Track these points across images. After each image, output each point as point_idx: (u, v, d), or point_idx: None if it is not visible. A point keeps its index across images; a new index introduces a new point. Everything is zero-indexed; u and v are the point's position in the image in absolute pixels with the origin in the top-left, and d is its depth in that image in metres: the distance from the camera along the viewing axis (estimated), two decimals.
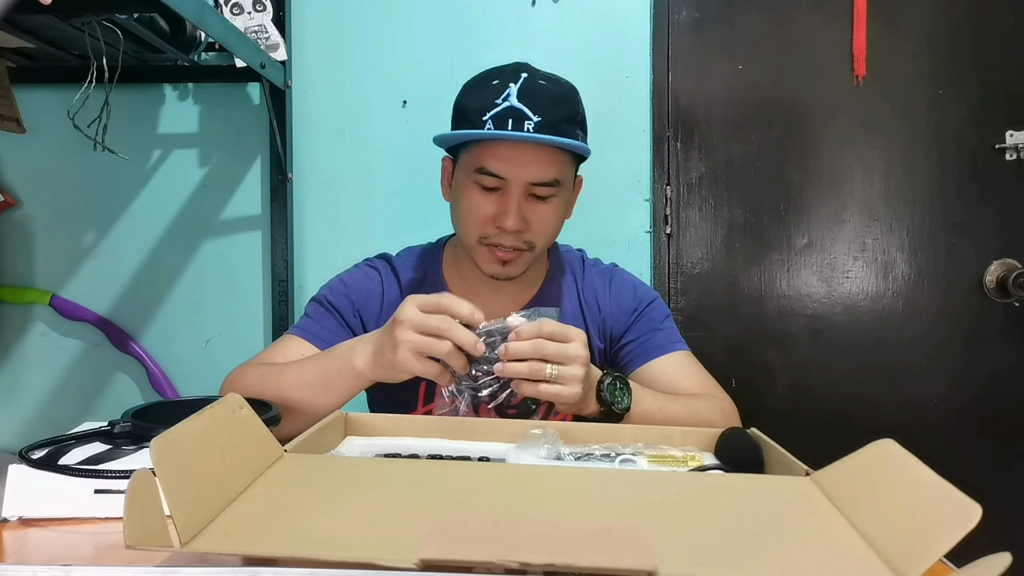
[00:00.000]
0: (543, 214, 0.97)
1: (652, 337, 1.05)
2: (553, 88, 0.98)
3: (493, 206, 0.96)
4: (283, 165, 1.50)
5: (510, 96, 0.94)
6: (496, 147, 0.94)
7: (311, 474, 0.59)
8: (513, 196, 0.95)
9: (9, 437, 1.57)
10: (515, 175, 0.94)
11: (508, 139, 0.93)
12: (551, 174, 0.95)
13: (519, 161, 0.94)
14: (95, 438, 0.68)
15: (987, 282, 1.55)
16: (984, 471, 1.54)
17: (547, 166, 0.95)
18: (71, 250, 1.57)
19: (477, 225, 0.97)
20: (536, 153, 0.94)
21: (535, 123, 0.92)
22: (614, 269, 1.15)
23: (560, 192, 0.98)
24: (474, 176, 0.96)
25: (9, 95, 1.29)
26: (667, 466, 0.71)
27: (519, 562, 0.39)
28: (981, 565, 0.37)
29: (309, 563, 0.42)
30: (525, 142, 0.93)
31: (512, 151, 0.94)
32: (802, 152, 1.57)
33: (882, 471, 0.53)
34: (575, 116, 0.98)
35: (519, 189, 0.95)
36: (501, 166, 0.94)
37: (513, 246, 0.97)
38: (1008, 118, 1.54)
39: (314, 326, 1.02)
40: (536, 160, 0.94)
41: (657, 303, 1.10)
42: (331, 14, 1.55)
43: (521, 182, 0.94)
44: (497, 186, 0.95)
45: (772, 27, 1.56)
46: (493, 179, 0.95)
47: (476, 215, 0.97)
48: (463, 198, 0.98)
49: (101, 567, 0.44)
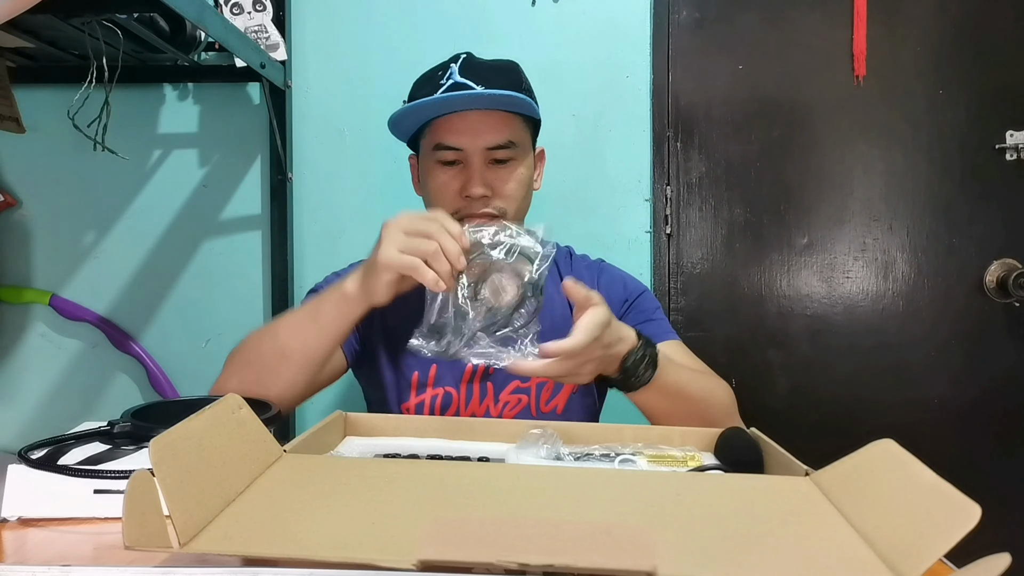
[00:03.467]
0: (505, 178, 1.01)
1: (644, 328, 1.05)
2: (493, 63, 1.04)
3: (457, 180, 1.00)
4: (283, 165, 1.50)
5: (453, 74, 0.99)
6: (448, 121, 0.99)
7: (310, 474, 0.59)
8: (474, 164, 0.99)
9: (9, 437, 1.57)
10: (471, 144, 0.98)
11: (454, 108, 0.97)
12: (505, 136, 0.99)
13: (472, 129, 0.98)
14: (95, 438, 0.68)
15: (987, 282, 1.55)
16: (984, 471, 1.54)
17: (499, 130, 0.99)
18: (71, 250, 1.57)
19: (448, 203, 1.00)
20: (487, 119, 0.99)
21: (479, 90, 0.96)
22: (602, 264, 1.17)
23: (518, 155, 1.02)
24: (434, 156, 1.00)
25: (9, 95, 1.29)
26: (667, 466, 0.71)
27: (518, 563, 0.39)
28: (981, 565, 0.37)
29: (308, 564, 0.42)
30: (475, 111, 0.98)
31: (463, 121, 0.98)
32: (802, 152, 1.56)
33: (882, 471, 0.53)
34: (519, 83, 1.03)
35: (478, 157, 0.99)
36: (456, 138, 0.98)
37: (483, 213, 1.00)
38: (1008, 118, 1.54)
39: None
40: (488, 126, 0.99)
41: (647, 295, 1.12)
42: (331, 14, 1.55)
43: (478, 149, 0.99)
44: (457, 159, 1.00)
45: (772, 27, 1.56)
46: (452, 152, 0.99)
47: (444, 193, 1.00)
48: (429, 181, 1.03)
49: (100, 567, 0.44)
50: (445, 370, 1.03)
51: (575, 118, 1.55)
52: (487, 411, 1.03)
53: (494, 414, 1.03)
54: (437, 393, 1.03)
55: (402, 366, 1.04)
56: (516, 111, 1.01)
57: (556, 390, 1.04)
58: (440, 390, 1.03)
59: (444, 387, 1.03)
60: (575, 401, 1.05)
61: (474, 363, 0.78)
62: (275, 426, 0.71)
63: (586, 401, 1.07)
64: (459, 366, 1.03)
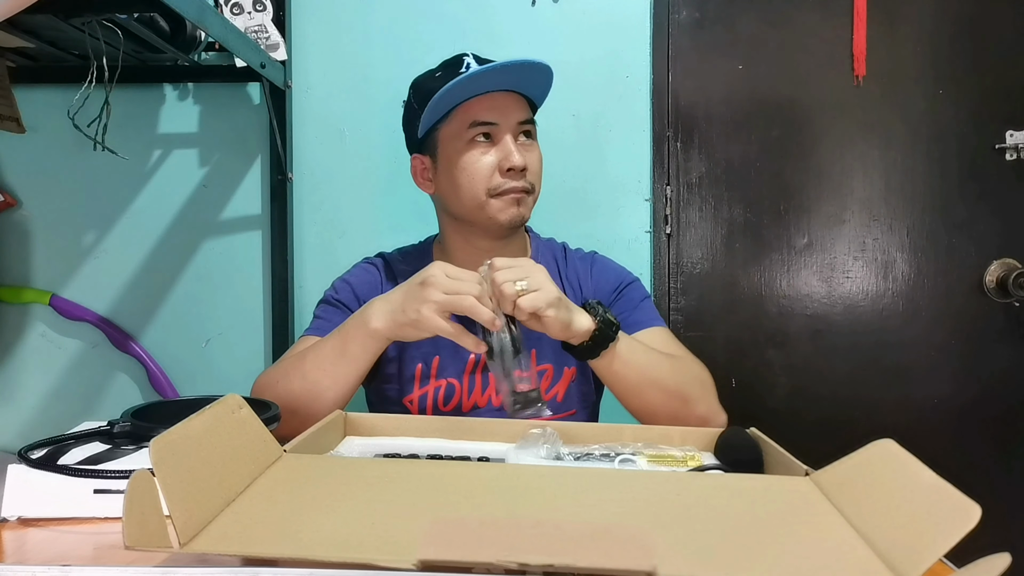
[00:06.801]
0: (534, 154, 1.08)
1: (631, 314, 1.10)
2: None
3: (494, 155, 1.04)
4: (283, 165, 1.50)
5: (470, 66, 1.03)
6: (479, 101, 1.03)
7: (310, 474, 0.59)
8: (508, 139, 1.04)
9: (9, 437, 1.57)
10: (504, 118, 1.04)
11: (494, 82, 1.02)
12: (529, 113, 1.08)
13: (503, 106, 1.04)
14: (94, 438, 0.68)
15: (987, 282, 1.55)
16: (984, 471, 1.54)
17: (524, 108, 1.08)
18: (71, 250, 1.57)
19: (484, 179, 1.04)
20: (511, 99, 1.06)
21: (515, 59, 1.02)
22: (595, 255, 1.21)
23: (536, 135, 1.10)
24: (468, 133, 1.04)
25: (9, 95, 1.29)
26: (666, 466, 0.71)
27: (518, 562, 0.39)
28: (980, 565, 0.37)
29: (308, 563, 0.42)
30: (500, 93, 1.04)
31: (494, 100, 1.04)
32: (802, 152, 1.56)
33: (881, 471, 0.53)
34: None
35: (511, 131, 1.04)
36: (491, 114, 1.03)
37: (521, 187, 1.04)
38: (1008, 118, 1.54)
39: (326, 324, 1.05)
40: (515, 104, 1.06)
41: (636, 285, 1.16)
42: (331, 14, 1.55)
43: (511, 123, 1.04)
44: (491, 133, 1.04)
45: (772, 27, 1.56)
46: (488, 127, 1.04)
47: (481, 169, 1.04)
48: (463, 160, 1.05)
49: (100, 567, 0.44)
50: (448, 362, 1.06)
51: (575, 118, 1.55)
52: (489, 401, 1.05)
53: (496, 404, 1.05)
54: (440, 385, 1.05)
55: (406, 359, 1.06)
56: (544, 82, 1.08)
57: (556, 379, 1.07)
58: (443, 381, 1.06)
59: (447, 379, 1.06)
60: (574, 389, 1.08)
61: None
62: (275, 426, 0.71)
63: (584, 390, 1.10)
64: (462, 358, 1.05)
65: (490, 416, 1.02)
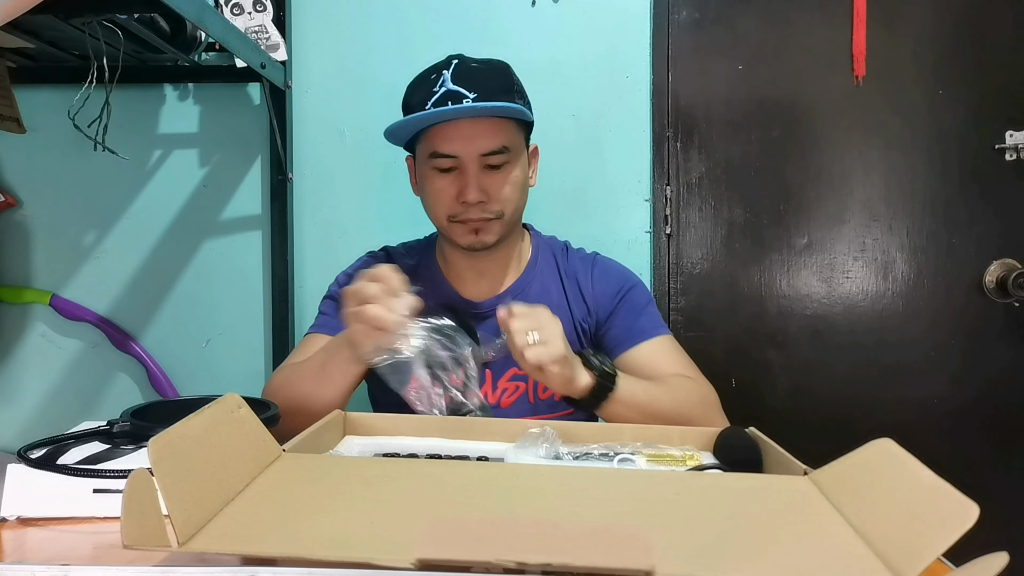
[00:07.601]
0: (500, 182, 1.02)
1: (636, 322, 1.09)
2: (485, 67, 1.04)
3: (453, 186, 1.02)
4: (283, 165, 1.50)
5: (445, 82, 1.00)
6: (443, 129, 1.00)
7: (309, 474, 0.59)
8: (469, 171, 1.00)
9: (9, 437, 1.57)
10: (466, 150, 1.00)
11: (449, 117, 0.98)
12: (499, 142, 1.00)
13: (466, 137, 0.99)
14: (94, 438, 0.68)
15: (987, 282, 1.55)
16: (983, 471, 1.54)
17: (493, 136, 1.00)
18: (71, 250, 1.57)
19: (444, 207, 1.03)
20: (480, 126, 1.00)
21: (472, 99, 0.98)
22: (596, 256, 1.19)
23: (512, 159, 1.03)
24: (430, 163, 1.02)
25: (9, 95, 1.29)
26: (665, 465, 0.71)
27: (516, 562, 0.39)
28: (979, 564, 0.37)
29: (307, 563, 0.42)
30: (469, 119, 0.99)
31: (457, 129, 0.99)
32: (802, 152, 1.56)
33: (880, 471, 0.53)
34: (511, 87, 1.04)
35: (473, 163, 1.00)
36: (451, 145, 1.00)
37: (480, 218, 1.02)
38: (1008, 118, 1.54)
39: (331, 320, 1.06)
40: (481, 132, 1.00)
41: (640, 287, 1.14)
42: (331, 14, 1.55)
43: (473, 156, 1.00)
44: (453, 166, 1.01)
45: (772, 27, 1.56)
46: (447, 159, 1.01)
47: (441, 198, 1.03)
48: (426, 186, 1.05)
49: (100, 567, 0.44)
50: None
51: (575, 118, 1.55)
52: (485, 397, 1.05)
53: (492, 401, 1.05)
54: None
55: None
56: (516, 112, 1.01)
57: None
58: None
59: None
60: None
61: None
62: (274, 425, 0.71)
63: None
64: None
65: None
